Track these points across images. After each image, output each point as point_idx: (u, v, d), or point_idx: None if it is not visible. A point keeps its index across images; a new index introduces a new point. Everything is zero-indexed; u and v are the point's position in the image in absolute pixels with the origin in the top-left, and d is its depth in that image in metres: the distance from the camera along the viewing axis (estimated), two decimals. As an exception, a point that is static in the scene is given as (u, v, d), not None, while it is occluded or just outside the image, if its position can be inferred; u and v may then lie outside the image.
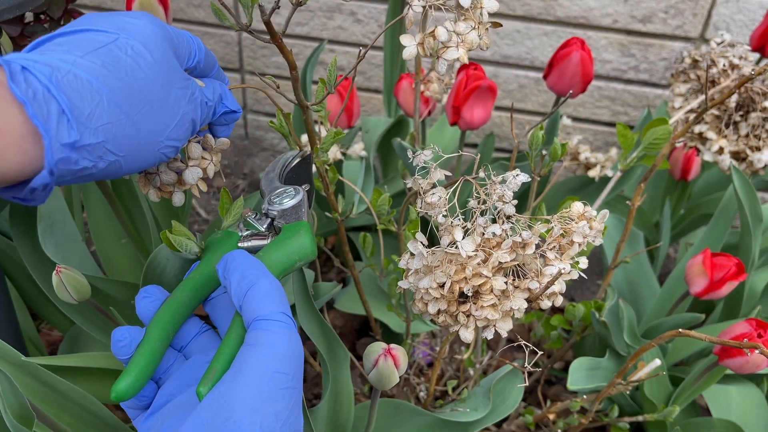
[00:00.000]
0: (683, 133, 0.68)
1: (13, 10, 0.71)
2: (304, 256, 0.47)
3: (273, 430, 0.35)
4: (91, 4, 1.35)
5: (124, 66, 0.38)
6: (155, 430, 0.39)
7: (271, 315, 0.38)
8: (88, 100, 0.36)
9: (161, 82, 0.40)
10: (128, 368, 0.40)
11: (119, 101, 0.37)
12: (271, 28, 0.46)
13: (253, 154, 1.49)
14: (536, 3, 1.20)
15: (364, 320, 1.07)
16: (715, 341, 0.51)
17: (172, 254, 0.60)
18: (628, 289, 0.98)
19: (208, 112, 0.46)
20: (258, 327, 0.38)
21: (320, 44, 1.07)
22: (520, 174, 0.44)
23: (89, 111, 0.36)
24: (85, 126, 0.35)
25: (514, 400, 0.69)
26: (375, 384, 0.51)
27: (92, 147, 0.36)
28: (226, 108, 0.48)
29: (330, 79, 0.51)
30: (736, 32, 1.18)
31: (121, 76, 0.38)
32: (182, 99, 0.41)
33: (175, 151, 0.43)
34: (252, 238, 0.49)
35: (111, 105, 0.37)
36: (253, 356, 0.37)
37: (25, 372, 0.59)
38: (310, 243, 0.48)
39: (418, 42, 0.46)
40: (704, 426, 0.82)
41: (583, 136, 1.35)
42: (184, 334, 0.45)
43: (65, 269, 0.59)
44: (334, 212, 0.66)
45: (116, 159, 0.38)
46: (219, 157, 0.51)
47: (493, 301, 0.44)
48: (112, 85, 0.37)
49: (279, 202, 0.50)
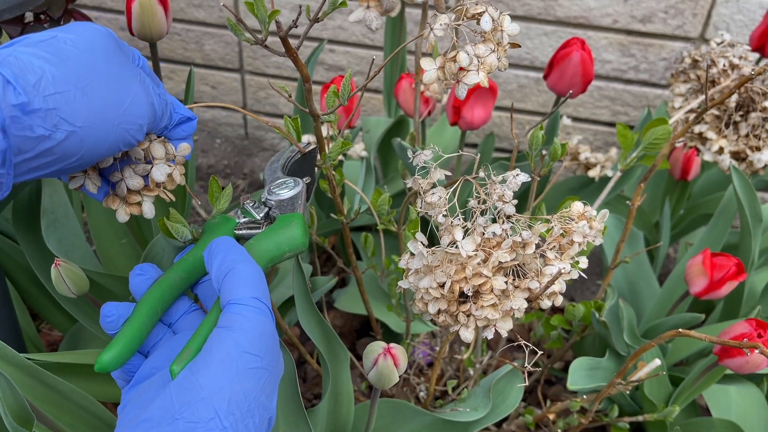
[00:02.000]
0: (683, 133, 0.68)
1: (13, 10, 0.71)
2: (293, 247, 0.48)
3: (241, 407, 0.37)
4: (91, 4, 1.35)
5: (65, 51, 0.40)
6: (133, 402, 0.40)
7: (244, 299, 0.40)
8: (32, 74, 0.37)
9: (107, 60, 0.42)
10: (114, 341, 0.41)
11: (65, 77, 0.39)
12: (287, 44, 0.46)
13: (253, 154, 1.49)
14: (536, 3, 1.20)
15: (364, 320, 1.07)
16: (715, 341, 0.51)
17: (168, 244, 0.61)
18: (628, 289, 0.98)
19: (164, 106, 0.47)
20: (230, 310, 0.39)
21: (320, 44, 1.07)
22: (520, 174, 0.44)
23: (34, 81, 0.37)
24: (33, 94, 0.37)
25: (514, 400, 0.69)
26: (375, 383, 0.51)
27: (44, 113, 0.37)
28: (181, 115, 0.49)
29: (344, 93, 0.51)
30: (736, 32, 1.18)
31: (63, 58, 0.39)
32: (133, 80, 0.43)
33: (140, 131, 0.44)
34: (247, 225, 0.50)
35: (56, 79, 0.38)
36: (223, 337, 0.38)
37: (25, 372, 0.59)
38: (301, 235, 0.48)
39: (438, 66, 0.46)
40: (704, 426, 0.82)
41: (583, 136, 1.35)
42: (174, 312, 0.47)
43: (64, 263, 0.59)
44: (339, 215, 0.66)
45: (73, 129, 0.39)
46: (182, 169, 0.50)
47: (493, 301, 0.44)
48: (55, 64, 0.39)
49: (277, 192, 0.51)
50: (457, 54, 0.45)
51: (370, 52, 1.32)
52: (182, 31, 1.36)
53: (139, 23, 0.67)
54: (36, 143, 0.37)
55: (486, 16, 0.45)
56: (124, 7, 0.68)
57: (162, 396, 0.37)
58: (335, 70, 1.36)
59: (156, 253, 0.62)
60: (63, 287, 0.60)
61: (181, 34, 1.37)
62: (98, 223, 0.82)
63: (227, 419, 0.36)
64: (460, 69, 0.45)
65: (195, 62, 1.40)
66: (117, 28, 1.38)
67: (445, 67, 0.46)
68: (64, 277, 0.60)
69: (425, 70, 0.46)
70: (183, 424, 0.36)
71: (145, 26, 0.67)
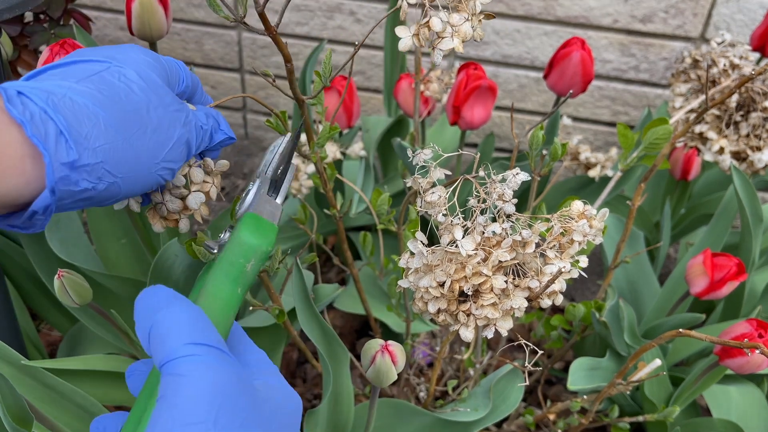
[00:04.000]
0: (683, 133, 0.68)
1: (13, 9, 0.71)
2: (249, 254, 0.41)
3: None
4: (91, 4, 1.35)
5: (117, 91, 0.38)
6: None
7: (174, 352, 0.32)
8: (85, 122, 0.36)
9: (155, 106, 0.40)
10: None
11: (115, 123, 0.37)
12: (266, 20, 0.46)
13: (253, 154, 1.49)
14: (536, 3, 1.20)
15: (364, 320, 1.07)
16: (716, 341, 0.51)
17: (180, 251, 0.61)
18: (629, 289, 0.98)
19: (204, 135, 0.46)
20: (165, 372, 0.32)
21: (320, 44, 1.07)
22: (519, 173, 0.44)
23: (86, 132, 0.36)
24: (84, 146, 0.36)
25: (514, 400, 0.69)
26: (373, 381, 0.51)
27: (91, 167, 0.36)
28: (224, 135, 0.48)
29: (325, 72, 0.51)
30: (737, 32, 1.18)
31: (116, 100, 0.38)
32: (177, 122, 0.42)
33: (172, 174, 0.43)
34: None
35: (107, 127, 0.37)
36: (157, 414, 0.31)
37: (25, 373, 0.59)
38: (249, 236, 0.41)
39: (413, 33, 0.46)
40: (704, 426, 0.82)
41: (584, 136, 1.35)
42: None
43: (67, 273, 0.59)
44: (332, 209, 0.66)
45: (115, 180, 0.38)
46: (219, 180, 0.50)
47: (493, 300, 0.44)
48: (108, 108, 0.37)
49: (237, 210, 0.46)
50: (430, 20, 0.45)
51: (370, 52, 1.32)
52: (182, 31, 1.36)
53: (139, 23, 0.67)
54: (78, 194, 0.37)
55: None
56: (124, 7, 0.68)
57: None
58: (335, 70, 1.36)
59: (167, 258, 0.62)
60: (66, 298, 0.60)
61: (181, 33, 1.37)
62: (98, 223, 0.82)
63: None
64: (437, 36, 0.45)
65: (195, 62, 1.40)
66: (117, 27, 1.38)
67: (419, 34, 0.46)
68: (67, 288, 0.59)
69: (400, 37, 0.46)
70: None
71: (145, 26, 0.67)
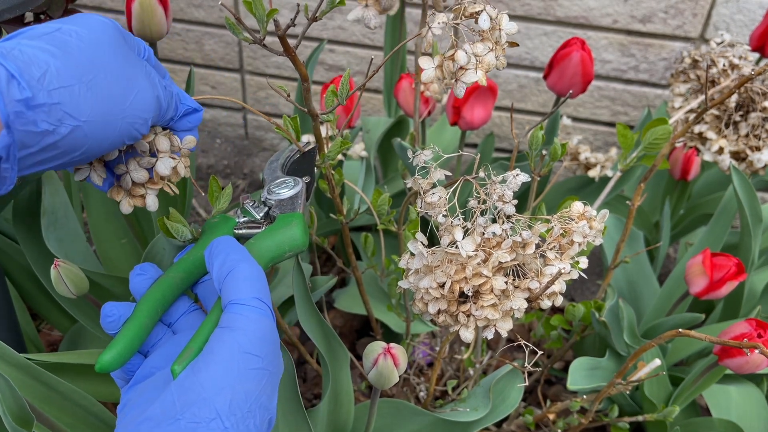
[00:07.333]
0: (683, 133, 0.68)
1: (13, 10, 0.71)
2: (294, 246, 0.48)
3: (242, 408, 0.37)
4: (91, 4, 1.35)
5: (68, 44, 0.39)
6: (133, 402, 0.40)
7: (245, 299, 0.40)
8: (36, 67, 0.37)
9: (112, 55, 0.41)
10: (114, 341, 0.41)
11: (69, 71, 0.38)
12: (285, 43, 0.46)
13: (253, 154, 1.49)
14: (536, 3, 1.20)
15: (364, 320, 1.07)
16: (715, 341, 0.51)
17: (168, 244, 0.61)
18: (628, 289, 0.98)
19: (170, 98, 0.46)
20: (231, 311, 0.39)
21: (320, 44, 1.08)
22: (520, 174, 0.44)
23: (39, 75, 0.37)
24: (37, 88, 0.36)
25: (514, 399, 0.69)
26: (375, 383, 0.51)
27: (49, 107, 0.37)
28: (187, 106, 0.49)
29: (342, 92, 0.51)
30: (736, 32, 1.18)
31: (67, 51, 0.39)
32: (138, 73, 0.43)
33: (145, 124, 0.43)
34: (247, 225, 0.50)
35: (60, 72, 0.38)
36: (224, 338, 0.38)
37: (26, 373, 0.59)
38: (301, 234, 0.48)
39: (436, 65, 0.46)
40: (704, 426, 0.82)
41: (583, 136, 1.35)
42: (174, 311, 0.47)
43: (63, 263, 0.59)
44: (339, 215, 0.66)
45: (78, 124, 0.38)
46: (187, 161, 0.50)
47: (493, 301, 0.44)
48: (59, 57, 0.38)
49: (277, 192, 0.51)
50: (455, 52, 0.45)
51: (370, 52, 1.32)
52: (182, 31, 1.36)
53: (139, 23, 0.67)
54: (40, 138, 0.37)
55: (484, 14, 0.45)
56: (124, 7, 0.68)
57: (163, 396, 0.37)
58: (335, 70, 1.36)
59: (157, 252, 0.62)
60: (63, 288, 0.60)
61: (181, 33, 1.37)
62: (98, 223, 0.82)
63: (228, 420, 0.36)
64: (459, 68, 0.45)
65: (195, 62, 1.40)
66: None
67: (443, 66, 0.46)
68: (63, 278, 0.59)
69: (424, 68, 0.46)
70: (185, 424, 0.36)
71: (145, 26, 0.67)
